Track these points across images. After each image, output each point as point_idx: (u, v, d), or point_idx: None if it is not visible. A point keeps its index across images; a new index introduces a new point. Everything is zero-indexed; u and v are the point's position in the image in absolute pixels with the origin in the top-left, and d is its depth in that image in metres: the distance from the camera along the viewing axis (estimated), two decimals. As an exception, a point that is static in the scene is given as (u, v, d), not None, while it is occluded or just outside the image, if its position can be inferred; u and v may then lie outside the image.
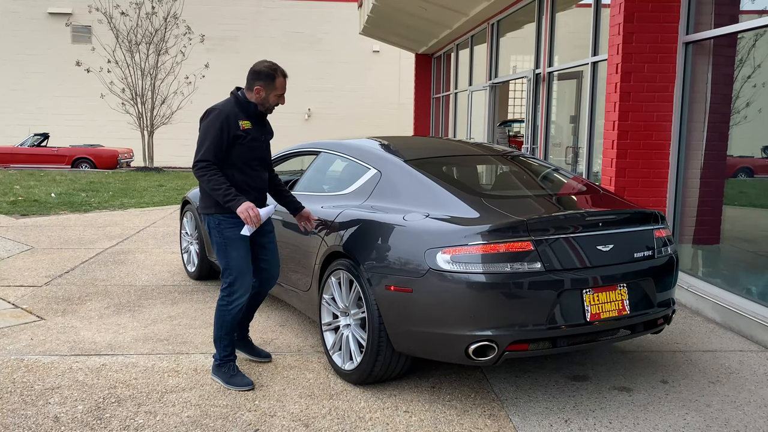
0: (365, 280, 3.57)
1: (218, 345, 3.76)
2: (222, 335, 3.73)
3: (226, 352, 3.76)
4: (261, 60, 3.73)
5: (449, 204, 3.57)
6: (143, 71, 20.27)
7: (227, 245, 3.64)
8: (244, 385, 3.65)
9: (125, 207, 11.28)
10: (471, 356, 3.25)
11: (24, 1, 24.71)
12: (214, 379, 3.78)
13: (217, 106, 3.60)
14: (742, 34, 5.26)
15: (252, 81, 3.64)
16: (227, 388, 3.66)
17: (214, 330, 3.75)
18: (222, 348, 3.75)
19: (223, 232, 3.63)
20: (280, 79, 3.65)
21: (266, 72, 3.63)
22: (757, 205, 5.41)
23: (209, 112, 3.58)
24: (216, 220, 3.64)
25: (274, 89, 3.65)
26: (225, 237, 3.63)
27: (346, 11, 24.69)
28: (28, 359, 4.06)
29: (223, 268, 3.69)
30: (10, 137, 23.05)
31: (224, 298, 3.69)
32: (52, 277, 6.11)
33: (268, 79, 3.62)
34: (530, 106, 9.23)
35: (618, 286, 3.47)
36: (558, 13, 8.60)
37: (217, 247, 3.68)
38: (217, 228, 3.65)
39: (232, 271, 3.66)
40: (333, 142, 4.73)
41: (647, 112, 5.82)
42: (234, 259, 3.65)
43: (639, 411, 3.46)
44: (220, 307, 3.70)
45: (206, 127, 3.55)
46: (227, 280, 3.68)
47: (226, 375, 3.70)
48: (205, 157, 3.50)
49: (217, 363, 3.76)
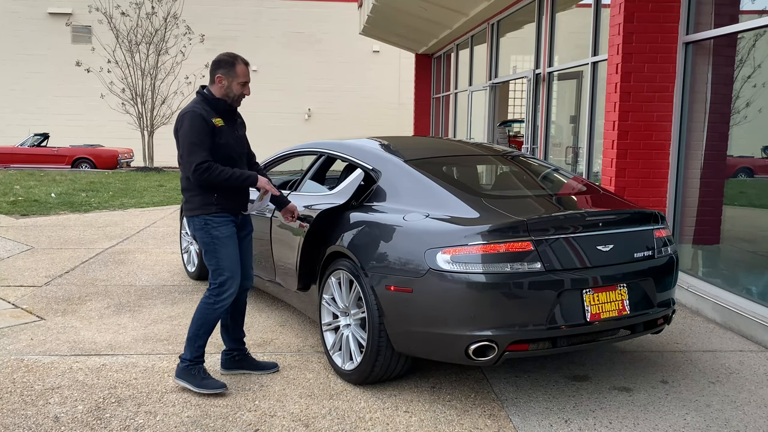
0: (365, 280, 3.57)
1: (192, 345, 3.62)
2: (200, 334, 3.62)
3: (199, 353, 3.64)
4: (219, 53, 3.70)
5: (449, 204, 3.57)
6: (143, 71, 20.27)
7: (216, 245, 3.58)
8: (218, 387, 3.58)
9: (125, 207, 11.28)
10: (471, 356, 3.25)
11: (24, 1, 24.71)
12: (179, 383, 3.62)
13: (188, 110, 3.54)
14: (742, 34, 5.26)
15: (213, 71, 3.61)
16: (198, 391, 3.55)
17: (192, 328, 3.62)
18: (196, 348, 3.62)
19: (211, 231, 3.58)
20: (241, 66, 3.60)
21: (226, 59, 3.61)
22: (757, 205, 5.41)
23: (183, 118, 3.53)
24: (202, 221, 3.58)
25: (236, 76, 3.59)
26: (213, 237, 3.58)
27: (346, 11, 24.68)
28: (28, 359, 4.06)
29: (213, 270, 3.60)
30: (10, 137, 23.04)
31: (212, 296, 3.60)
32: (52, 277, 6.11)
33: (228, 66, 3.58)
34: (530, 106, 9.23)
35: (618, 286, 3.47)
36: (558, 13, 8.60)
37: (206, 248, 3.61)
38: (203, 229, 3.58)
39: (223, 270, 3.59)
40: (333, 142, 4.73)
41: (647, 112, 5.82)
42: (224, 258, 3.59)
43: (639, 411, 3.46)
44: (206, 305, 3.60)
45: (187, 132, 3.49)
46: (218, 280, 3.60)
47: (197, 378, 3.59)
48: (201, 158, 3.46)
49: (186, 365, 3.61)
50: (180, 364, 3.65)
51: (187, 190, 3.63)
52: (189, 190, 3.62)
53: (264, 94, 24.82)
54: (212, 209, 3.58)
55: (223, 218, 3.61)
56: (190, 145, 3.47)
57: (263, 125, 24.35)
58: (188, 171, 3.49)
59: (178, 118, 3.58)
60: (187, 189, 3.63)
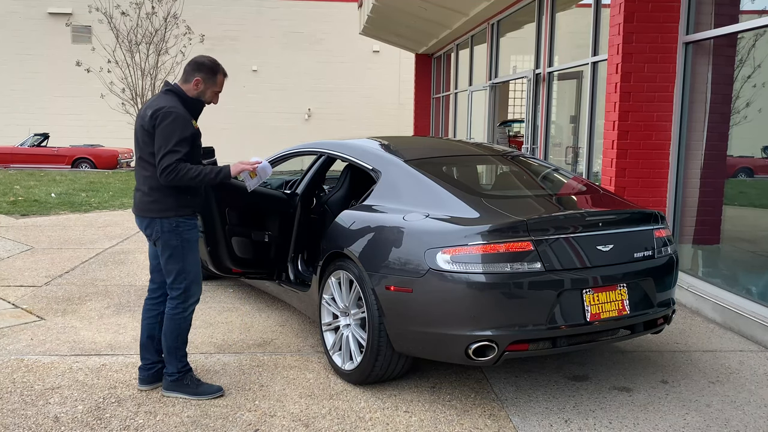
0: (365, 280, 3.57)
1: (174, 357, 3.55)
2: (179, 345, 3.56)
3: (184, 362, 3.59)
4: (201, 55, 3.61)
5: (449, 204, 3.57)
6: (143, 71, 20.25)
7: (185, 248, 3.48)
8: (214, 392, 3.55)
9: (125, 207, 11.27)
10: (471, 356, 3.25)
11: (24, 1, 24.69)
12: (173, 396, 3.54)
13: (170, 108, 3.36)
14: (742, 34, 5.26)
15: (192, 72, 3.48)
16: (197, 400, 3.50)
17: (168, 342, 3.54)
18: (179, 359, 3.56)
19: (183, 234, 3.47)
20: (221, 76, 3.55)
21: (210, 65, 3.52)
22: (757, 205, 5.41)
23: (164, 116, 3.33)
24: (174, 223, 3.45)
25: (214, 85, 3.53)
26: (183, 239, 3.47)
27: (346, 11, 24.65)
28: (28, 359, 4.06)
29: (176, 275, 3.48)
30: (10, 137, 23.02)
31: (179, 305, 3.52)
32: (52, 277, 6.11)
33: (210, 73, 3.51)
34: (530, 106, 9.23)
35: (618, 286, 3.47)
36: (558, 13, 8.60)
37: (172, 251, 3.46)
38: (174, 231, 3.45)
39: (187, 275, 3.50)
40: (333, 142, 4.72)
41: (647, 112, 5.82)
42: (190, 263, 3.51)
43: (639, 411, 3.46)
44: (175, 316, 3.52)
45: (171, 131, 3.32)
46: (181, 285, 3.50)
47: (191, 387, 3.54)
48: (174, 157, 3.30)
49: (175, 378, 3.55)
50: (168, 378, 3.56)
51: (157, 189, 3.42)
52: (159, 189, 3.42)
53: (264, 94, 24.83)
54: (186, 211, 3.49)
55: (193, 221, 3.54)
56: (174, 144, 3.30)
57: (263, 125, 24.36)
58: (159, 169, 3.30)
59: (156, 114, 3.34)
60: (157, 188, 3.42)
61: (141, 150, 3.47)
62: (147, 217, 3.49)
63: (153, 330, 3.67)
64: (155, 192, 3.44)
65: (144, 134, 3.42)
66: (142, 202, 3.49)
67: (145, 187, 3.47)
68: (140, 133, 3.44)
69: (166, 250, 3.49)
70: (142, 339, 3.68)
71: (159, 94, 3.53)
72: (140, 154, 3.47)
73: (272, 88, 24.57)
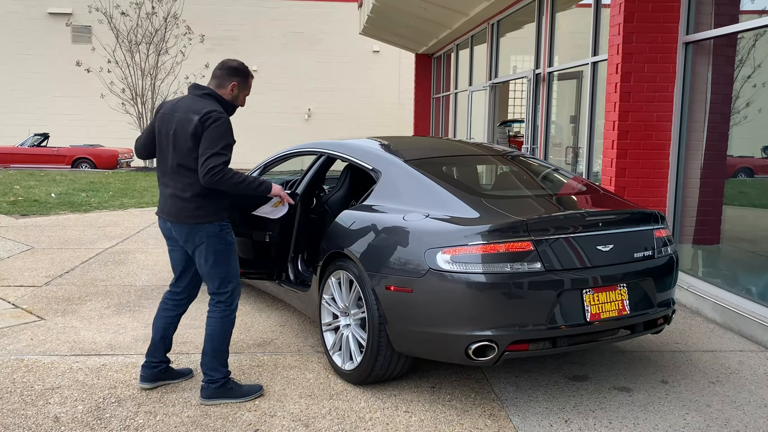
0: (365, 280, 3.57)
1: (219, 361, 3.49)
2: (225, 348, 3.53)
3: (227, 366, 3.55)
4: (229, 58, 3.63)
5: (449, 204, 3.57)
6: (143, 71, 20.26)
7: (229, 251, 3.49)
8: (258, 391, 3.56)
9: (125, 207, 11.27)
10: (471, 356, 3.25)
11: (24, 1, 24.68)
12: (216, 402, 3.46)
13: (224, 115, 3.38)
14: (742, 34, 5.26)
15: (229, 77, 3.52)
16: (243, 401, 3.48)
17: (215, 345, 3.48)
18: (223, 363, 3.52)
19: (226, 237, 3.48)
20: (251, 79, 3.63)
21: (244, 70, 3.58)
22: (757, 205, 5.41)
23: (215, 119, 3.32)
24: (218, 227, 3.45)
25: (246, 89, 3.60)
26: (227, 243, 3.48)
27: (346, 11, 24.66)
28: (28, 359, 4.06)
29: (222, 278, 3.48)
30: (10, 137, 23.02)
31: (226, 308, 3.51)
32: (52, 277, 6.11)
33: (243, 77, 3.57)
34: (530, 106, 9.23)
35: (618, 286, 3.47)
36: (558, 13, 8.60)
37: (216, 256, 3.44)
38: (218, 235, 3.44)
39: (232, 278, 3.52)
40: (333, 142, 4.72)
41: (647, 112, 5.82)
42: (234, 265, 3.53)
43: (639, 411, 3.46)
44: (224, 319, 3.49)
45: (221, 135, 3.32)
46: (227, 289, 3.50)
47: (236, 390, 3.51)
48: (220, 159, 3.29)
49: (221, 383, 3.48)
50: (212, 386, 3.48)
51: (201, 195, 3.39)
52: (202, 195, 3.39)
53: (264, 94, 24.81)
54: (225, 215, 3.51)
55: (229, 224, 3.55)
56: (221, 147, 3.29)
57: (263, 125, 24.33)
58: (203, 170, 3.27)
59: (206, 118, 3.31)
60: (200, 194, 3.39)
61: (182, 155, 3.37)
62: (190, 223, 3.41)
63: (167, 331, 3.68)
64: (198, 198, 3.40)
65: (190, 138, 3.34)
66: (184, 209, 3.41)
67: (186, 194, 3.40)
68: (183, 137, 3.35)
69: (210, 255, 3.44)
70: (154, 338, 3.65)
71: (193, 97, 3.46)
72: (180, 160, 3.38)
73: (272, 88, 24.56)
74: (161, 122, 3.47)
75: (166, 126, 3.45)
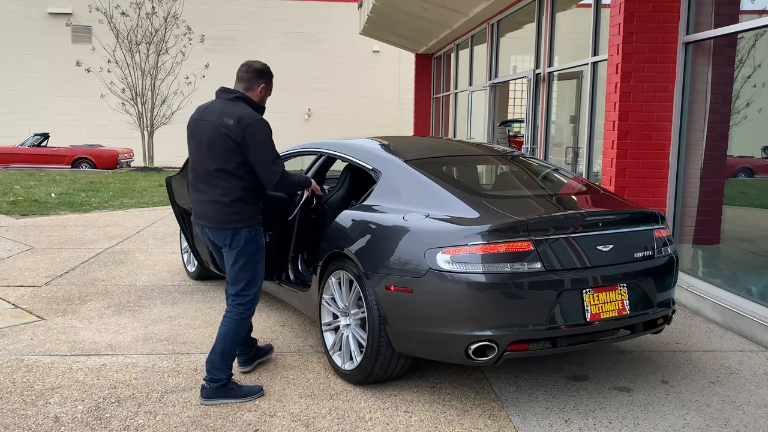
0: (365, 280, 3.57)
1: (225, 362, 3.51)
2: (234, 350, 3.57)
3: (231, 367, 3.56)
4: (252, 60, 3.69)
5: (449, 204, 3.57)
6: (143, 71, 20.26)
7: (258, 256, 3.58)
8: (258, 392, 3.57)
9: (125, 207, 11.28)
10: (471, 356, 3.25)
11: (24, 1, 24.69)
12: (217, 402, 3.47)
13: (257, 117, 3.46)
14: (742, 34, 5.26)
15: (257, 79, 3.59)
16: (244, 401, 3.49)
17: (226, 346, 3.51)
18: (228, 365, 3.53)
19: (259, 242, 3.58)
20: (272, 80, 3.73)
21: (269, 71, 3.68)
22: (757, 205, 5.41)
23: (256, 125, 3.41)
24: (253, 232, 3.53)
25: (270, 89, 3.71)
26: (259, 247, 3.58)
27: (346, 11, 24.67)
28: (28, 359, 4.06)
29: (248, 280, 3.54)
30: (10, 137, 23.03)
31: (246, 311, 3.56)
32: (52, 277, 6.11)
33: (270, 78, 3.68)
34: (530, 106, 9.23)
35: (618, 286, 3.47)
36: (558, 13, 8.60)
37: (247, 258, 3.52)
38: (254, 239, 3.54)
39: (256, 281, 3.59)
40: (333, 142, 4.73)
41: (647, 112, 5.82)
42: (260, 270, 3.61)
43: (639, 411, 3.46)
44: (240, 321, 3.55)
45: (267, 140, 3.46)
46: (250, 292, 3.56)
47: (236, 390, 3.52)
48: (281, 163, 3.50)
49: (222, 383, 3.49)
50: (213, 385, 3.48)
51: (240, 200, 3.46)
52: (242, 200, 3.47)
53: (264, 94, 24.82)
54: (260, 219, 3.60)
55: (261, 229, 3.64)
56: (271, 148, 3.46)
57: (263, 125, 24.28)
58: (274, 177, 3.45)
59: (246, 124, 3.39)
60: (239, 199, 3.46)
61: (222, 160, 3.41)
62: (230, 227, 3.47)
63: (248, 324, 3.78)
64: (238, 203, 3.46)
65: (229, 144, 3.38)
66: (224, 214, 3.46)
67: (226, 198, 3.44)
68: (221, 141, 3.39)
69: (241, 258, 3.51)
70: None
71: (224, 101, 3.50)
72: (219, 165, 3.41)
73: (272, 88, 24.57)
74: (194, 128, 3.52)
75: (199, 132, 3.48)
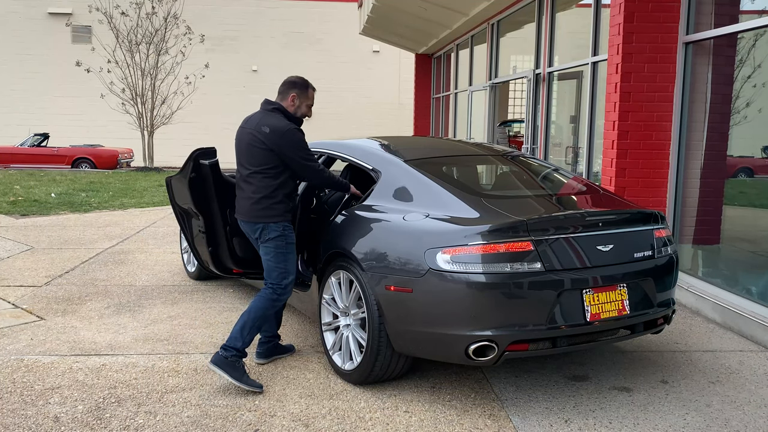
0: (365, 280, 3.57)
1: (243, 334, 3.66)
2: (256, 325, 3.72)
3: (247, 345, 3.68)
4: (291, 75, 4.07)
5: (449, 204, 3.57)
6: (143, 71, 20.25)
7: (288, 249, 3.82)
8: (258, 386, 3.61)
9: (125, 207, 11.28)
10: (471, 356, 3.25)
11: (24, 1, 24.69)
12: (218, 371, 3.58)
13: (288, 126, 3.78)
14: (742, 34, 5.26)
15: (288, 90, 3.91)
16: (238, 385, 3.56)
17: (250, 317, 3.69)
18: (244, 340, 3.66)
19: (287, 237, 3.81)
20: (311, 90, 3.97)
21: (301, 82, 3.96)
22: (757, 205, 5.41)
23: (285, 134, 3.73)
24: (281, 227, 3.79)
25: (306, 99, 3.94)
26: (289, 242, 3.82)
27: (346, 11, 24.67)
28: (28, 359, 4.06)
29: (280, 272, 3.78)
30: (10, 137, 23.03)
31: (275, 293, 3.78)
32: (52, 277, 6.11)
33: (303, 88, 3.93)
34: (530, 106, 9.23)
35: (618, 286, 3.47)
36: (558, 13, 8.60)
37: (277, 251, 3.77)
38: (282, 234, 3.79)
39: (289, 273, 3.82)
40: (333, 142, 4.73)
41: (647, 112, 5.82)
42: (292, 262, 3.83)
43: (639, 411, 3.46)
44: (269, 299, 3.76)
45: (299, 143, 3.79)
46: (283, 282, 3.79)
47: (239, 372, 3.60)
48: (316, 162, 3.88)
49: (233, 354, 3.61)
50: (224, 353, 3.63)
51: (270, 197, 3.77)
52: (272, 197, 3.77)
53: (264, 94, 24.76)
54: (289, 216, 3.86)
55: (291, 225, 3.89)
56: (306, 148, 3.81)
57: (263, 125, 24.29)
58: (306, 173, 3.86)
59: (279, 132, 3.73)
60: (268, 197, 3.77)
61: (256, 164, 3.78)
62: (259, 222, 3.80)
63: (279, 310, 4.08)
64: (266, 200, 3.79)
65: (263, 149, 3.76)
66: (253, 209, 3.81)
67: (257, 196, 3.80)
68: (257, 147, 3.77)
69: (271, 250, 3.80)
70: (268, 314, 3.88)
71: (264, 111, 3.88)
72: (255, 168, 3.79)
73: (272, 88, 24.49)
74: (238, 136, 3.93)
75: (240, 139, 3.90)
